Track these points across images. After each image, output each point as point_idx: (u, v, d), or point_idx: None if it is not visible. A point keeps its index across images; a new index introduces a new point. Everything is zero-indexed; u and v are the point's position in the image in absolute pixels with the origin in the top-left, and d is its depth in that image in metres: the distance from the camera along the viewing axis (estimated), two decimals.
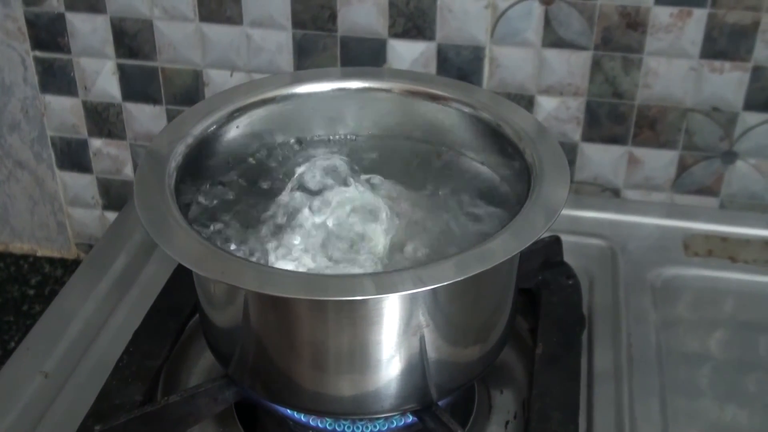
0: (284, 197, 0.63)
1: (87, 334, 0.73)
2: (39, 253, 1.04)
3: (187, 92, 0.91)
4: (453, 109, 0.68)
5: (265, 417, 0.67)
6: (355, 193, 0.63)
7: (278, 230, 0.61)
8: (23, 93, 0.94)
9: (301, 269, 0.58)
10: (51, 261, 1.03)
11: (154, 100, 0.92)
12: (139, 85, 0.92)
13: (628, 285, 0.77)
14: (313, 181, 0.64)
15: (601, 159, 0.89)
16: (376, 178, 0.65)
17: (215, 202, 0.64)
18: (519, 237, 0.54)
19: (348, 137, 0.70)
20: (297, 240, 0.59)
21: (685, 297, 0.77)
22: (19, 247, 1.04)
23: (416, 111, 0.69)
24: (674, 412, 0.66)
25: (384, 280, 0.53)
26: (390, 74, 0.74)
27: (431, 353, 0.57)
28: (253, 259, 0.59)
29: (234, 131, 0.67)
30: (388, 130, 0.70)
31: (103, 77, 0.92)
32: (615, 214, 0.86)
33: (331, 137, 0.70)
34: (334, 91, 0.69)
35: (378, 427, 0.63)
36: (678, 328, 0.73)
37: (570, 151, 0.88)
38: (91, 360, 0.70)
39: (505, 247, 0.54)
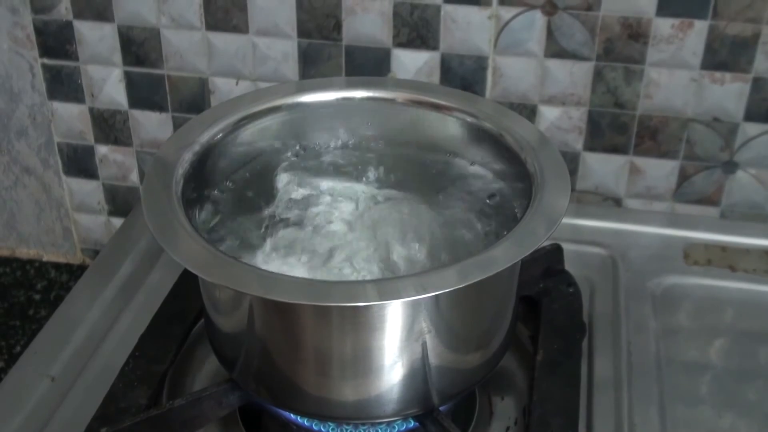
0: (286, 207, 0.64)
1: (93, 338, 0.74)
2: (45, 258, 1.05)
3: (193, 100, 0.92)
4: (455, 119, 0.68)
5: (269, 421, 0.68)
6: (357, 204, 0.64)
7: (282, 237, 0.62)
8: (31, 100, 0.95)
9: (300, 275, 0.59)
10: (57, 266, 1.04)
11: (160, 107, 0.93)
12: (145, 92, 0.93)
13: (628, 293, 0.77)
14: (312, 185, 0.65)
15: (603, 168, 0.89)
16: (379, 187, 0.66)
17: (221, 208, 0.64)
18: (520, 245, 0.55)
19: (351, 146, 0.71)
20: (298, 246, 0.60)
21: (685, 306, 0.77)
22: (25, 252, 1.05)
23: (419, 120, 0.69)
24: (673, 420, 0.66)
25: (387, 286, 0.53)
26: (394, 84, 0.75)
27: (433, 359, 0.58)
28: (257, 264, 0.60)
29: (240, 139, 0.67)
30: (392, 139, 0.70)
31: (110, 84, 0.93)
32: (616, 223, 0.87)
33: (335, 146, 0.71)
34: (338, 100, 0.70)
35: None
36: (677, 337, 0.74)
37: (572, 161, 0.89)
38: (97, 364, 0.71)
39: (507, 254, 0.54)
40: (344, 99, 0.70)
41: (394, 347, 0.57)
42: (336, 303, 0.53)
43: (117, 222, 1.01)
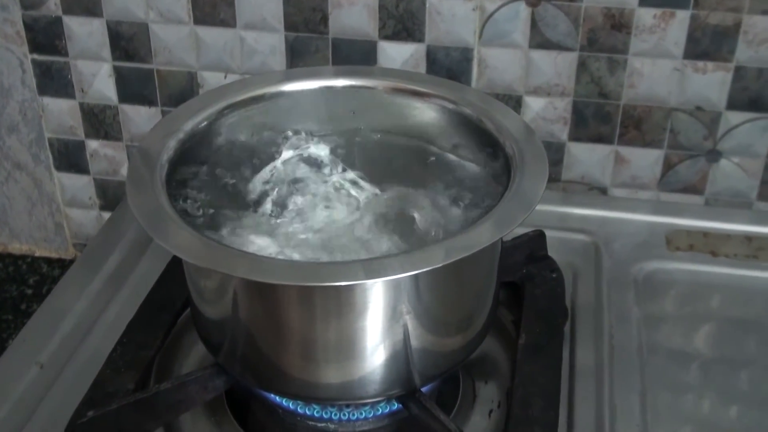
0: (270, 194, 0.65)
1: (81, 327, 0.74)
2: (37, 254, 1.06)
3: (182, 94, 0.93)
4: (436, 105, 0.69)
5: (256, 406, 0.69)
6: (338, 186, 0.65)
7: (264, 223, 0.63)
8: (21, 95, 0.96)
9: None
10: (49, 261, 1.05)
11: (149, 101, 0.94)
12: (135, 87, 0.94)
13: (610, 279, 0.78)
14: (295, 171, 0.66)
15: (589, 158, 0.90)
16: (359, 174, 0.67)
17: (206, 195, 0.65)
18: (499, 225, 0.56)
19: (335, 134, 0.71)
20: (280, 232, 0.61)
21: (666, 290, 0.78)
22: (17, 247, 1.06)
23: (403, 107, 0.70)
24: (654, 405, 0.67)
25: (373, 265, 0.54)
26: (381, 73, 0.75)
27: (414, 340, 0.58)
28: (242, 247, 0.60)
29: (225, 127, 0.68)
30: (374, 127, 0.71)
31: (99, 79, 0.94)
32: (600, 211, 0.87)
33: (319, 133, 0.71)
34: (322, 89, 0.71)
35: (364, 414, 0.64)
36: (658, 321, 0.75)
37: (557, 151, 0.90)
38: (86, 351, 0.72)
39: (487, 234, 0.55)
40: (327, 88, 0.71)
41: (376, 328, 0.57)
42: (324, 283, 0.53)
43: (108, 217, 1.01)
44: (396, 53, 0.87)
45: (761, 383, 0.69)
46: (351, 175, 0.66)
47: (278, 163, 0.67)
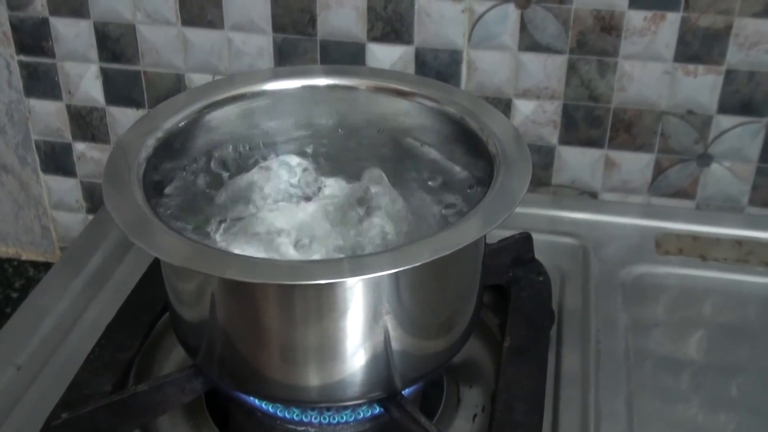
0: (249, 192, 0.65)
1: (60, 329, 0.73)
2: (23, 257, 1.05)
3: (170, 96, 0.90)
4: (419, 104, 0.68)
5: (235, 410, 0.68)
6: (322, 190, 0.64)
7: (243, 222, 0.62)
8: (8, 97, 0.95)
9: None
10: (35, 264, 1.04)
11: (137, 103, 0.93)
12: (122, 88, 0.93)
13: (598, 282, 0.77)
14: (272, 171, 0.65)
15: (579, 162, 0.89)
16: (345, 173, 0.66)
17: (184, 193, 0.64)
18: (483, 223, 0.55)
19: (316, 133, 0.71)
20: (260, 232, 0.60)
21: (655, 294, 0.77)
22: (3, 250, 1.05)
23: (385, 106, 0.69)
24: (640, 410, 0.66)
25: (355, 263, 0.53)
26: (369, 73, 0.75)
27: (395, 341, 0.58)
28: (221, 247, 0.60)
29: (205, 126, 0.67)
30: (357, 125, 0.70)
31: (86, 81, 0.93)
32: (590, 215, 0.86)
33: (301, 132, 0.71)
34: (305, 88, 0.70)
35: (345, 418, 0.63)
36: (646, 325, 0.74)
37: (547, 155, 0.89)
38: (64, 354, 0.71)
39: (471, 232, 0.54)
40: (311, 87, 0.70)
41: (357, 329, 0.56)
42: (309, 281, 0.52)
43: None
44: (384, 55, 0.87)
45: (750, 389, 0.68)
46: (335, 176, 0.66)
47: (259, 163, 0.67)
